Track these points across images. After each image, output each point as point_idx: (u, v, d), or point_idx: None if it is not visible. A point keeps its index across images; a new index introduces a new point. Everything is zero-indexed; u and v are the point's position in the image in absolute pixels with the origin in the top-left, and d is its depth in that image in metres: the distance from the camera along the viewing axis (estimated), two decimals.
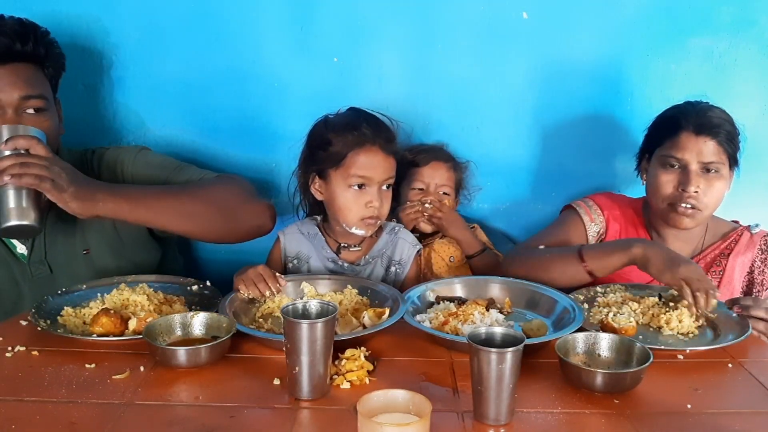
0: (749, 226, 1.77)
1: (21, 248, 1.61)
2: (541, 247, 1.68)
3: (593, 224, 1.78)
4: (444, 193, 1.88)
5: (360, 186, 1.61)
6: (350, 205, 1.62)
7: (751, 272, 1.73)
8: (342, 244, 1.72)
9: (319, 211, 1.76)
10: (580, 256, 1.58)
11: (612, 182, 2.00)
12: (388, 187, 1.65)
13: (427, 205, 1.84)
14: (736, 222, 1.81)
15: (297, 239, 1.74)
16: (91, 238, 1.66)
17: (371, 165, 1.60)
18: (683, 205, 1.62)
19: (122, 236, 1.69)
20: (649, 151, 1.72)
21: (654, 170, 1.68)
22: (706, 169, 1.61)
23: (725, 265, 1.72)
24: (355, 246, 1.72)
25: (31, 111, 1.48)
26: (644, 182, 1.75)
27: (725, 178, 1.63)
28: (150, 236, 1.74)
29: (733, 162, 1.64)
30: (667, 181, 1.64)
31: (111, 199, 1.40)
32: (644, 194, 1.76)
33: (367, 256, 1.72)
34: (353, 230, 1.66)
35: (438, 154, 1.91)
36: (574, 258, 1.58)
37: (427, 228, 1.88)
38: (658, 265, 1.48)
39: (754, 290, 1.72)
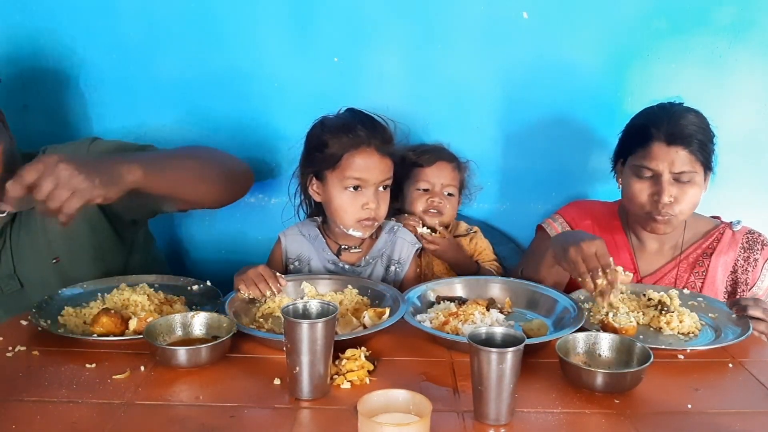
0: (731, 223, 1.75)
1: None
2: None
3: None
4: (449, 194, 1.87)
5: (356, 188, 1.61)
6: (346, 206, 1.62)
7: (734, 271, 1.71)
8: (342, 246, 1.72)
9: (320, 212, 1.76)
10: (524, 278, 1.63)
11: (612, 182, 2.00)
12: (384, 188, 1.65)
13: (423, 231, 1.80)
14: (717, 218, 1.80)
15: (298, 241, 1.74)
16: (59, 246, 1.62)
17: (366, 167, 1.59)
18: (659, 217, 1.60)
19: (91, 241, 1.65)
20: (623, 156, 1.70)
21: (628, 179, 1.66)
22: (679, 178, 1.58)
23: (708, 266, 1.71)
24: (355, 248, 1.72)
25: None
26: (620, 185, 1.72)
27: (699, 184, 1.60)
28: (117, 239, 1.70)
29: (708, 168, 1.61)
30: (641, 190, 1.62)
31: (136, 169, 1.32)
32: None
33: (367, 257, 1.72)
34: (350, 232, 1.66)
35: (442, 154, 1.89)
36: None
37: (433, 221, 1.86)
38: (558, 255, 1.48)
39: (739, 290, 1.70)
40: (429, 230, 1.79)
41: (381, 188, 1.63)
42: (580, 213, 1.82)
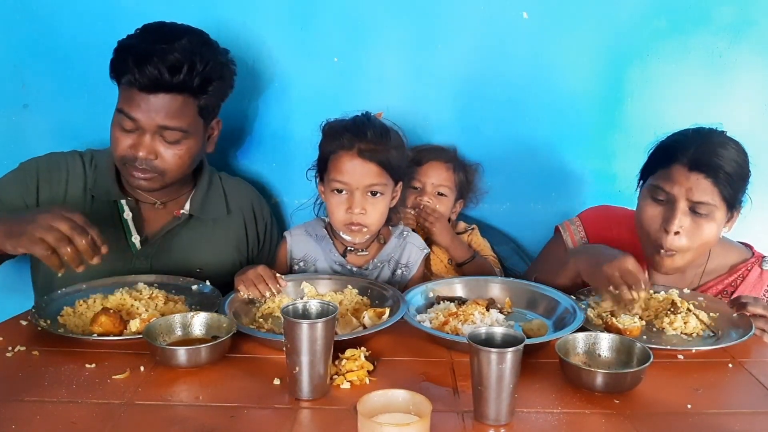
0: (763, 258, 1.61)
1: (135, 237, 1.67)
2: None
3: None
4: (440, 194, 1.87)
5: (340, 191, 1.62)
6: (334, 209, 1.64)
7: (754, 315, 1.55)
8: (348, 248, 1.72)
9: None
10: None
11: (612, 183, 2.00)
12: (374, 194, 1.62)
13: (421, 207, 1.82)
14: (747, 246, 1.67)
15: (304, 241, 1.74)
16: (207, 259, 1.72)
17: (348, 171, 1.59)
18: (663, 251, 1.49)
19: (233, 259, 1.77)
20: (645, 176, 1.58)
21: (642, 200, 1.55)
22: (696, 209, 1.45)
23: None
24: (362, 250, 1.72)
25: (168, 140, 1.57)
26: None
27: (717, 222, 1.46)
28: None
29: (732, 207, 1.48)
30: (652, 217, 1.50)
31: None
32: None
33: (375, 260, 1.72)
34: (342, 235, 1.67)
35: (439, 153, 1.89)
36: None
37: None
38: (586, 272, 1.47)
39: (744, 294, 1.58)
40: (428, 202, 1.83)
41: (370, 193, 1.62)
42: (602, 224, 1.73)
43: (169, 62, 1.51)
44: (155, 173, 1.59)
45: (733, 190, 1.45)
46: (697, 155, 1.45)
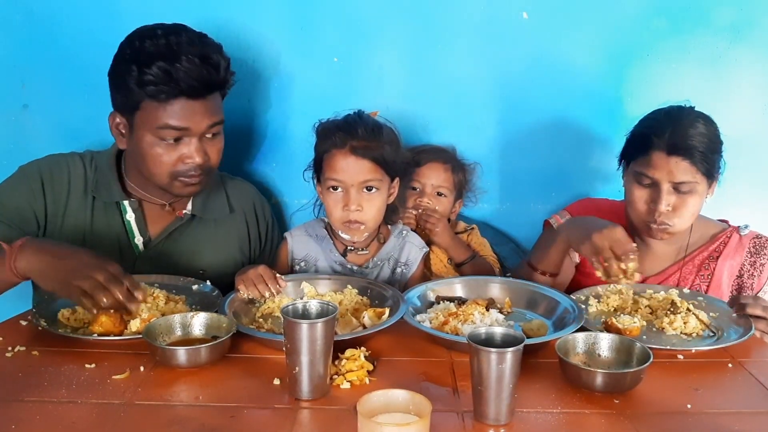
0: (738, 227, 1.73)
1: (138, 239, 1.68)
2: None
3: None
4: (440, 194, 1.87)
5: (335, 188, 1.62)
6: (330, 208, 1.65)
7: (740, 276, 1.70)
8: (348, 247, 1.72)
9: None
10: (531, 267, 1.66)
11: (613, 182, 2.00)
12: (369, 189, 1.63)
13: (420, 209, 1.82)
14: (725, 221, 1.78)
15: (304, 242, 1.74)
16: (210, 260, 1.72)
17: (341, 168, 1.60)
18: (654, 226, 1.60)
19: (236, 259, 1.77)
20: (627, 159, 1.68)
21: (628, 184, 1.65)
22: (679, 188, 1.56)
23: (713, 269, 1.69)
24: (362, 250, 1.72)
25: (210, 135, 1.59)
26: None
27: (700, 194, 1.58)
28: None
29: (711, 177, 1.59)
30: (640, 198, 1.61)
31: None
32: None
33: (375, 259, 1.72)
34: (340, 234, 1.68)
35: (438, 154, 1.89)
36: (531, 270, 1.65)
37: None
38: (576, 241, 1.50)
39: (744, 294, 1.67)
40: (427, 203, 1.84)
41: (365, 189, 1.62)
42: (587, 211, 1.80)
43: (214, 62, 1.53)
44: (203, 174, 1.59)
45: (708, 164, 1.56)
46: (672, 140, 1.55)
